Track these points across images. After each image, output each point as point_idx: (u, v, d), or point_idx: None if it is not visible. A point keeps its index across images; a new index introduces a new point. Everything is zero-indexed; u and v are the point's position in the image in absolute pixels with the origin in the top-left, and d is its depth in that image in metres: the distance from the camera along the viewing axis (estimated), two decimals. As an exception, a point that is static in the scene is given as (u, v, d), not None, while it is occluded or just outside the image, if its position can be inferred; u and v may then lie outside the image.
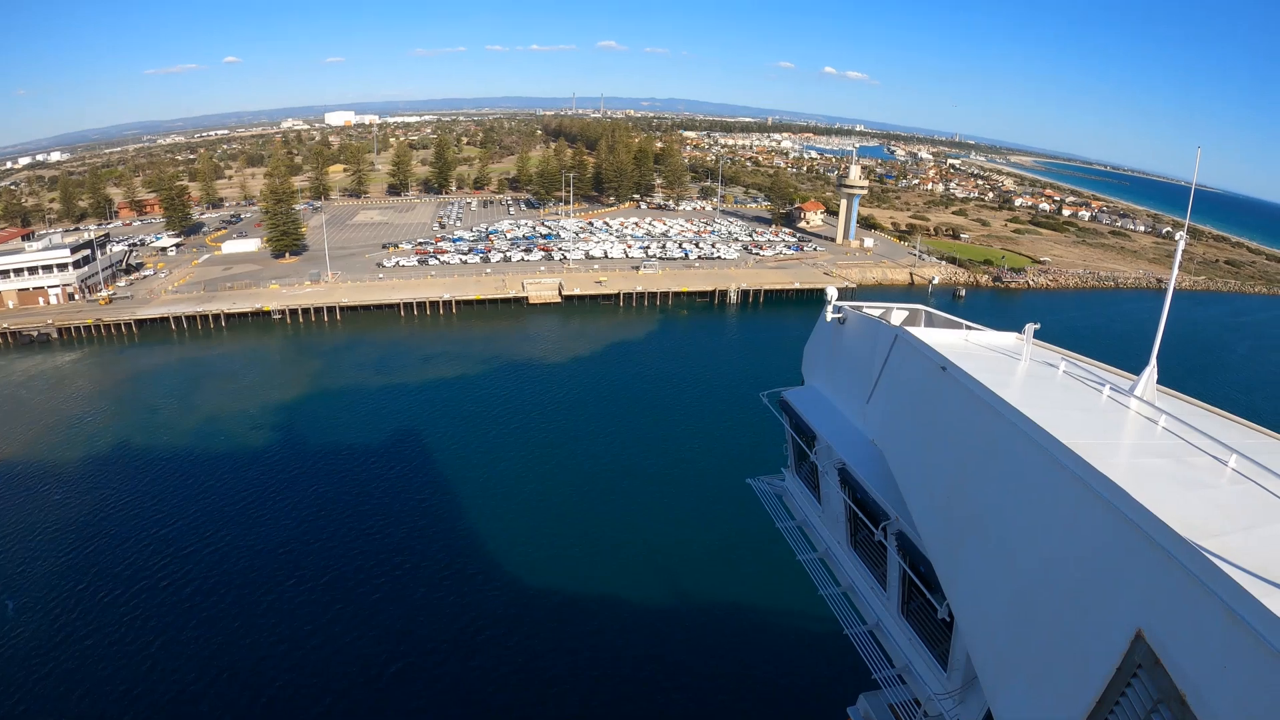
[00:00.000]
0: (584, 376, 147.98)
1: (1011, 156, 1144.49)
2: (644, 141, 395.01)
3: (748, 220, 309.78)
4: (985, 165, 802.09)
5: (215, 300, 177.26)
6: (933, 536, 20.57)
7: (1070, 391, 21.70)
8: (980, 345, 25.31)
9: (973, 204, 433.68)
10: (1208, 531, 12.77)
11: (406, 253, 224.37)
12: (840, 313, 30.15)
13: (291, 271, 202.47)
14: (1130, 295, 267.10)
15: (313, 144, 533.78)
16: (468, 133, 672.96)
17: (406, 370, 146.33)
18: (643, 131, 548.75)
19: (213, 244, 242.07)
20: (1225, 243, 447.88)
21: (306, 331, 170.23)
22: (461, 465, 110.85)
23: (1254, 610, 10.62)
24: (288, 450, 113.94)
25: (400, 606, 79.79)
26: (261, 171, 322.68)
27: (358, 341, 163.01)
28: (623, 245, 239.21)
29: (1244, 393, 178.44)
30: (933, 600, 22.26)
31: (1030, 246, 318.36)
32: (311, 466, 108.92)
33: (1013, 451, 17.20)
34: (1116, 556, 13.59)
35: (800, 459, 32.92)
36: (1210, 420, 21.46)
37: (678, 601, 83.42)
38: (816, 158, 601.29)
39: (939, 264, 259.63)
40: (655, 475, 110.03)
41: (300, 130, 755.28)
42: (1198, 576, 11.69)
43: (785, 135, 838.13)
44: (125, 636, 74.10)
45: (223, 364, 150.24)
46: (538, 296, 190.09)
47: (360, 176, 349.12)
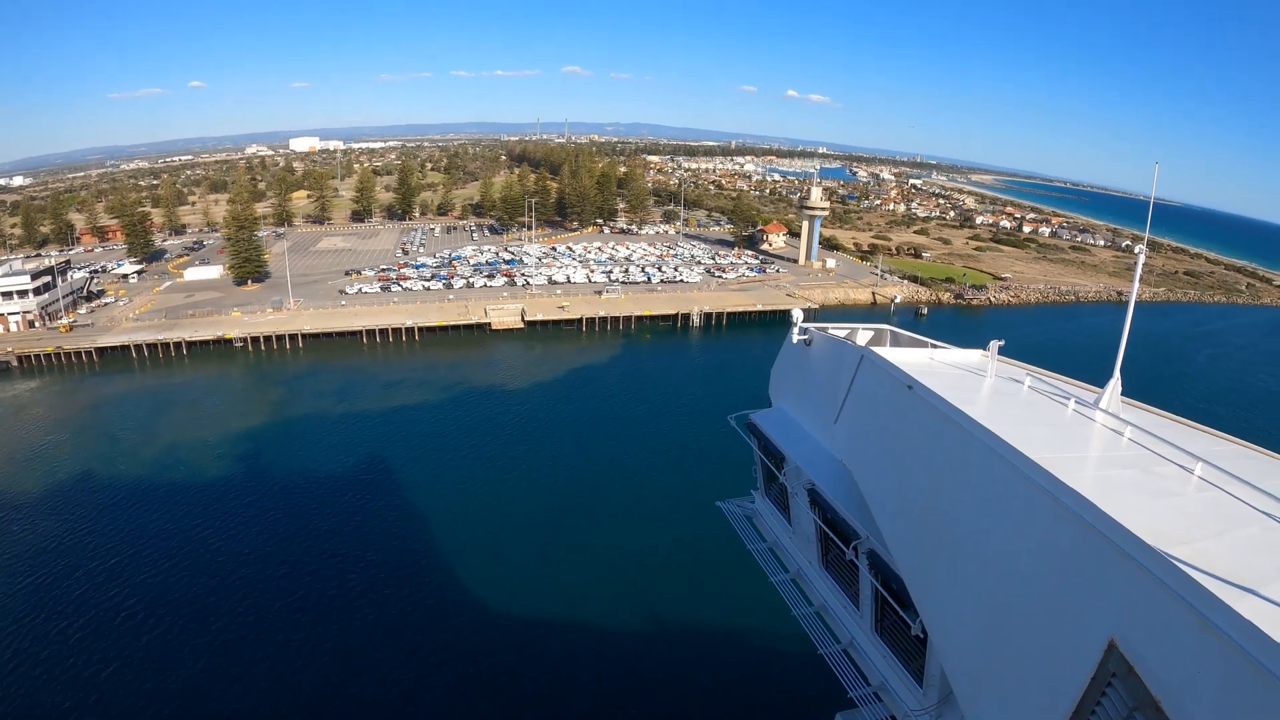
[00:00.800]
0: (548, 402, 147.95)
1: (973, 175, 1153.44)
2: (607, 166, 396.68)
3: (710, 243, 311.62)
4: (947, 185, 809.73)
5: (177, 328, 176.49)
6: (903, 554, 20.72)
7: (1036, 406, 22.19)
8: (945, 363, 25.77)
9: (934, 223, 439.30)
10: (1176, 539, 13.20)
11: (369, 279, 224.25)
12: (806, 335, 30.54)
13: (254, 299, 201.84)
14: (1091, 309, 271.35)
15: (277, 170, 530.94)
16: (432, 158, 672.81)
17: (368, 398, 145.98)
18: (607, 156, 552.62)
19: (175, 271, 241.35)
20: (1184, 254, 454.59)
21: (268, 359, 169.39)
22: (425, 492, 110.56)
23: (1224, 615, 10.96)
24: (248, 479, 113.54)
25: (361, 634, 79.69)
26: (225, 198, 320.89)
27: (320, 369, 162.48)
28: (586, 270, 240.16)
29: (1206, 400, 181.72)
30: (906, 617, 22.51)
31: (992, 263, 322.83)
32: (272, 495, 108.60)
33: (981, 467, 17.36)
34: (1087, 568, 13.82)
35: (770, 481, 33.05)
36: (1175, 429, 22.01)
37: (649, 625, 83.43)
38: (779, 180, 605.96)
39: (901, 283, 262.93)
40: (623, 499, 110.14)
41: (265, 156, 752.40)
42: (1168, 584, 12.00)
43: (748, 158, 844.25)
44: (76, 667, 73.88)
45: (184, 392, 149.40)
46: (500, 322, 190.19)
47: (324, 203, 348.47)
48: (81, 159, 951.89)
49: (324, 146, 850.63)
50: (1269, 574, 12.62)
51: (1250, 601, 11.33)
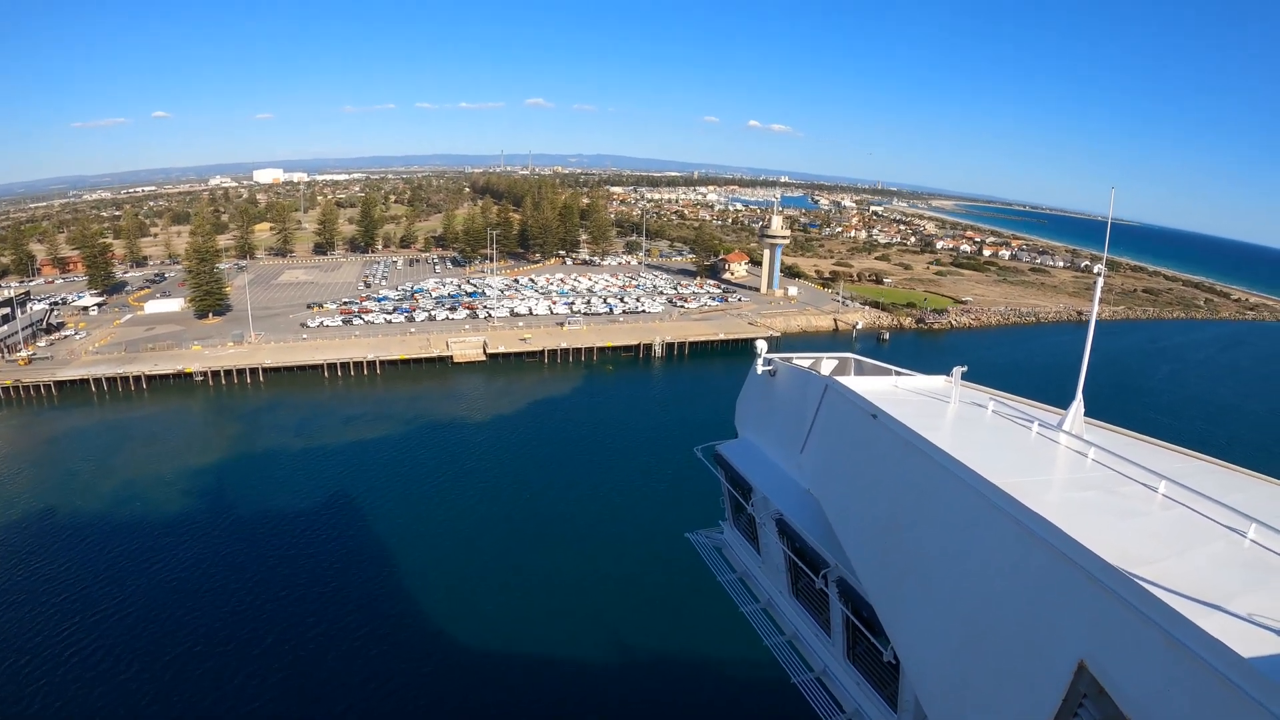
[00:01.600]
0: (510, 434, 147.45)
1: (933, 201, 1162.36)
2: (570, 198, 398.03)
3: (673, 273, 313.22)
4: (908, 211, 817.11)
5: (137, 361, 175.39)
6: (872, 581, 20.72)
7: (1000, 431, 22.38)
8: (909, 390, 25.95)
9: (895, 249, 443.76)
10: (1142, 559, 13.44)
11: (331, 312, 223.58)
12: (770, 365, 30.66)
13: (214, 332, 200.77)
14: (1052, 329, 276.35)
15: (240, 202, 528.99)
16: (396, 190, 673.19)
17: (329, 432, 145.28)
18: (570, 188, 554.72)
19: (135, 303, 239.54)
20: (1143, 272, 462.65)
21: (229, 393, 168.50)
22: (386, 526, 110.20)
23: (1191, 633, 11.14)
24: (206, 514, 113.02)
25: (318, 667, 79.66)
26: (187, 229, 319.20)
27: (280, 403, 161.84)
28: (548, 302, 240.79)
29: (1168, 415, 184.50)
30: (877, 644, 22.36)
31: (952, 287, 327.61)
32: (229, 530, 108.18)
33: (947, 494, 17.49)
34: (1055, 591, 13.92)
35: (737, 511, 33.02)
36: (1138, 448, 22.33)
37: (618, 658, 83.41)
38: (742, 209, 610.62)
39: (862, 309, 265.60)
40: (590, 531, 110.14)
41: (228, 188, 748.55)
42: (1134, 605, 12.14)
43: (711, 188, 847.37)
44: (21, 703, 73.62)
45: (143, 427, 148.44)
46: (462, 355, 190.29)
47: (286, 235, 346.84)
48: (44, 188, 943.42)
49: (288, 178, 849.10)
50: (1234, 589, 13.05)
51: (1216, 618, 11.71)
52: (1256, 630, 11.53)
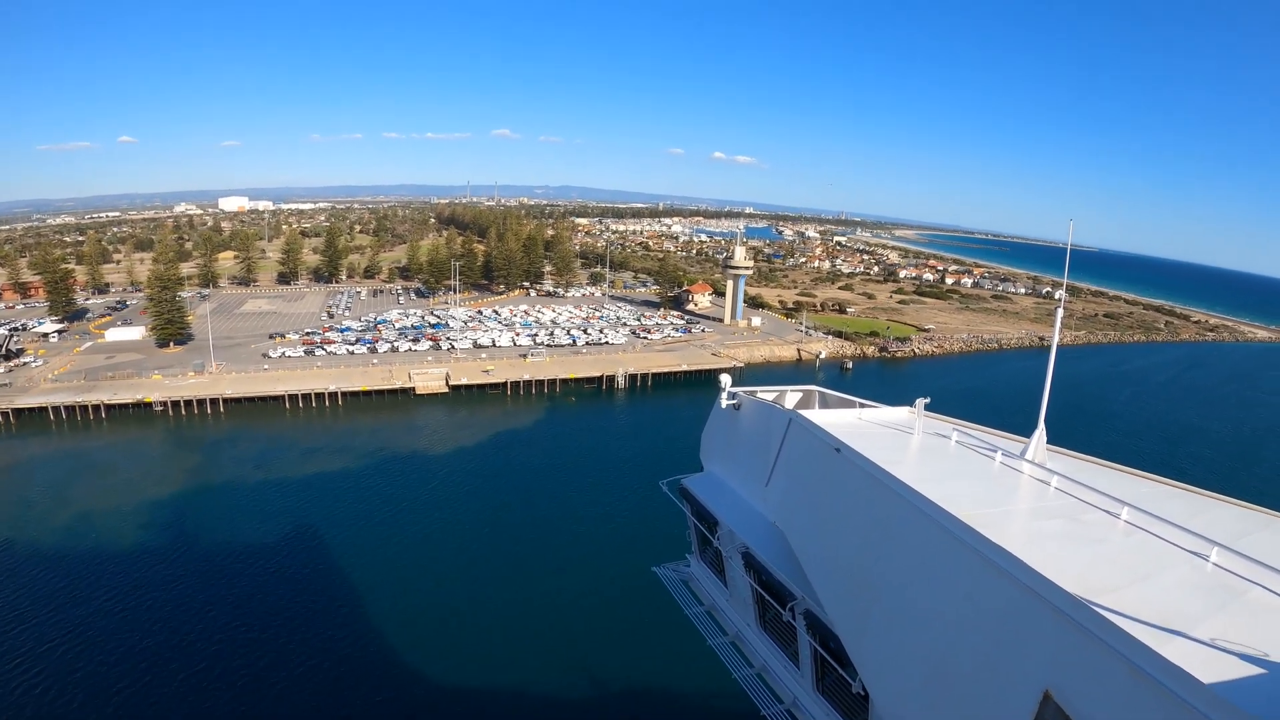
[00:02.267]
0: (473, 467, 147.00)
1: (896, 231, 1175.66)
2: (534, 229, 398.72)
3: (637, 304, 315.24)
4: (871, 241, 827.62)
5: (96, 390, 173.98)
6: (839, 613, 20.75)
7: (963, 461, 22.75)
8: (873, 422, 26.28)
9: (859, 278, 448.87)
10: (1105, 588, 13.72)
11: (293, 343, 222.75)
12: (735, 399, 30.62)
13: (175, 361, 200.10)
14: (1014, 355, 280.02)
15: (204, 230, 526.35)
16: (362, 220, 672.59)
17: (288, 464, 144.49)
18: (535, 219, 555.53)
19: (96, 331, 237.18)
20: (1104, 297, 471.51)
21: (189, 424, 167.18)
22: (346, 560, 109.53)
23: (1153, 660, 11.34)
24: (162, 546, 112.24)
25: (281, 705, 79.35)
26: (150, 256, 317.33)
27: (240, 434, 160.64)
28: (511, 333, 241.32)
29: (1130, 438, 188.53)
30: (846, 675, 22.24)
31: (915, 315, 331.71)
32: (186, 563, 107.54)
33: (911, 527, 17.57)
34: (1018, 622, 14.05)
35: (704, 545, 32.93)
36: (1100, 474, 22.75)
37: (587, 692, 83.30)
38: (706, 240, 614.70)
39: (825, 338, 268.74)
40: (556, 565, 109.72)
41: (193, 215, 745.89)
42: (1096, 634, 12.30)
43: (676, 220, 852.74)
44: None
45: (102, 456, 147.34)
46: (424, 387, 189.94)
47: (250, 264, 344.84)
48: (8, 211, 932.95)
49: (253, 206, 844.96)
50: (1197, 614, 13.43)
51: (1178, 644, 12.03)
52: (1219, 655, 12.00)
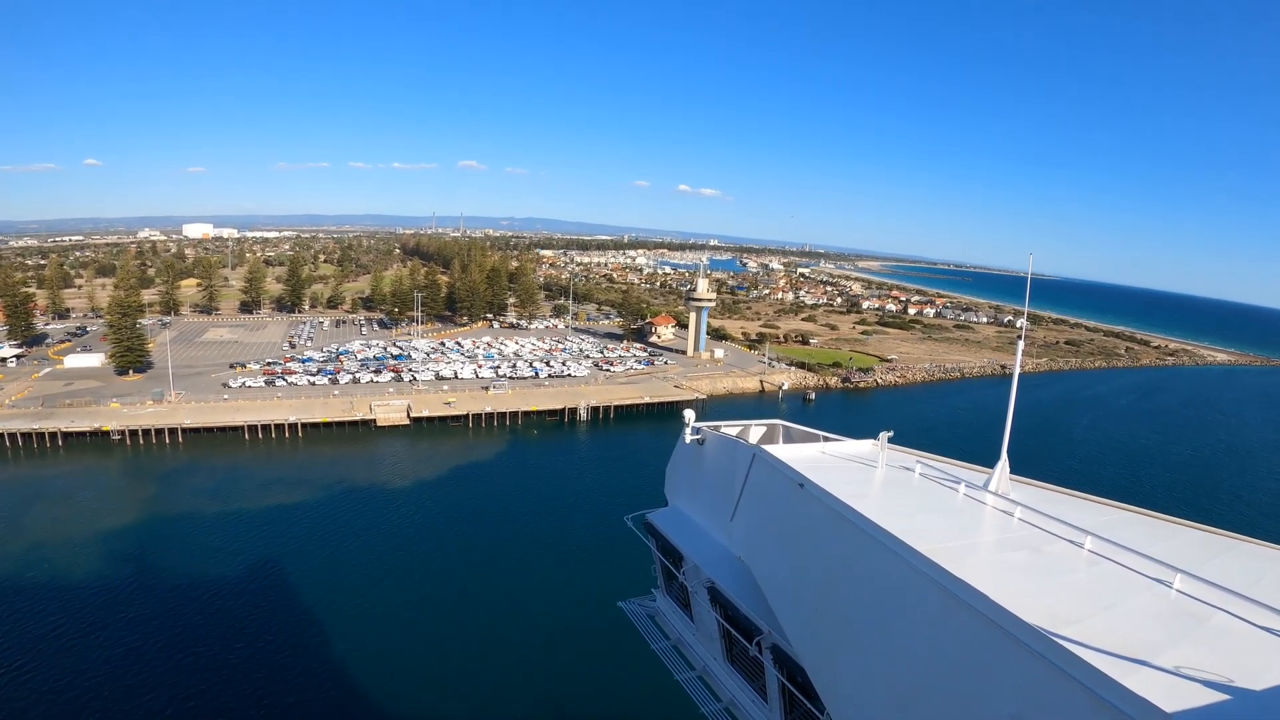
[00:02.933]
0: (435, 500, 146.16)
1: (859, 262, 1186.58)
2: (498, 261, 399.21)
3: (600, 337, 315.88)
4: (834, 272, 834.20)
5: (53, 417, 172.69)
6: (806, 647, 20.51)
7: (927, 494, 22.68)
8: (837, 456, 26.15)
9: (822, 310, 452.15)
10: (1068, 618, 13.69)
11: (254, 373, 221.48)
12: (699, 434, 30.32)
13: (134, 389, 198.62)
14: (976, 383, 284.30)
15: (167, 256, 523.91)
16: (326, 250, 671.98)
17: (246, 496, 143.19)
18: (500, 250, 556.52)
19: (55, 357, 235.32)
20: (1065, 324, 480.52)
21: (146, 453, 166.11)
22: (302, 595, 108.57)
23: (1116, 691, 11.25)
24: (116, 578, 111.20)
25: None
26: (112, 282, 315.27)
27: (198, 465, 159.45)
28: (473, 365, 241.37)
29: (1091, 463, 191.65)
30: (814, 709, 21.98)
31: (878, 346, 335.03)
32: (139, 595, 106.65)
33: (875, 562, 17.39)
34: (983, 655, 13.94)
35: (669, 580, 32.65)
36: (1063, 503, 22.96)
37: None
38: (670, 273, 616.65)
39: (788, 370, 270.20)
40: (520, 600, 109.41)
41: (156, 241, 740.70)
42: (1060, 666, 12.15)
43: (640, 252, 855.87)
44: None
45: (57, 485, 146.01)
46: (386, 419, 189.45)
47: (212, 292, 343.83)
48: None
49: (218, 233, 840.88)
50: (1161, 642, 13.48)
51: (1142, 673, 12.06)
52: (1182, 683, 12.01)
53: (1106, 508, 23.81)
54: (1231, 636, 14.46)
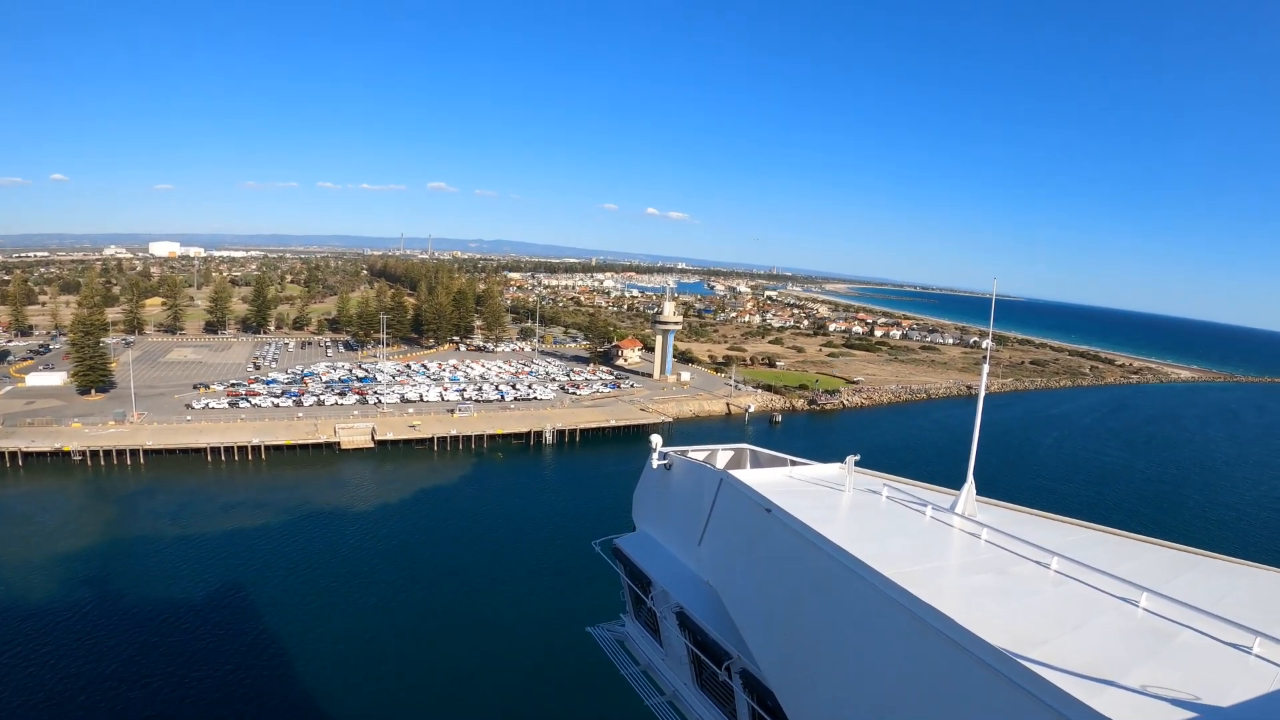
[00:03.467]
0: (399, 524, 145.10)
1: (827, 285, 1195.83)
2: (465, 283, 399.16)
3: (566, 360, 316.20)
4: (802, 295, 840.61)
5: (13, 437, 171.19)
6: (775, 673, 20.49)
7: (894, 518, 22.68)
8: (804, 480, 26.26)
9: (789, 332, 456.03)
10: (1035, 640, 13.78)
11: (218, 394, 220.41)
12: (666, 459, 30.28)
13: (96, 409, 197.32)
14: (942, 404, 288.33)
15: (133, 274, 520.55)
16: (293, 270, 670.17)
17: (207, 519, 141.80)
18: (467, 273, 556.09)
19: (16, 375, 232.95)
20: (1030, 345, 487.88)
21: (108, 474, 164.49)
22: (263, 620, 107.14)
23: (1080, 711, 11.39)
24: (73, 601, 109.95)
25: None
26: (76, 299, 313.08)
27: (160, 487, 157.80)
28: (439, 388, 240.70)
29: (1057, 481, 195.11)
30: None
31: (844, 368, 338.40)
32: (97, 618, 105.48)
33: (842, 587, 17.43)
34: (951, 679, 13.96)
35: (638, 604, 32.47)
36: (1029, 524, 22.95)
37: None
38: (638, 296, 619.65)
39: (755, 392, 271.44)
40: (488, 626, 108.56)
41: (122, 258, 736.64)
42: (1026, 689, 12.27)
43: (608, 275, 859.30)
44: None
45: (16, 506, 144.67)
46: (350, 441, 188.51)
47: (177, 312, 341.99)
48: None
49: (184, 252, 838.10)
50: (1128, 662, 13.63)
51: (1109, 694, 12.16)
52: (1149, 702, 12.20)
53: (1073, 527, 24.21)
54: (1198, 654, 14.75)
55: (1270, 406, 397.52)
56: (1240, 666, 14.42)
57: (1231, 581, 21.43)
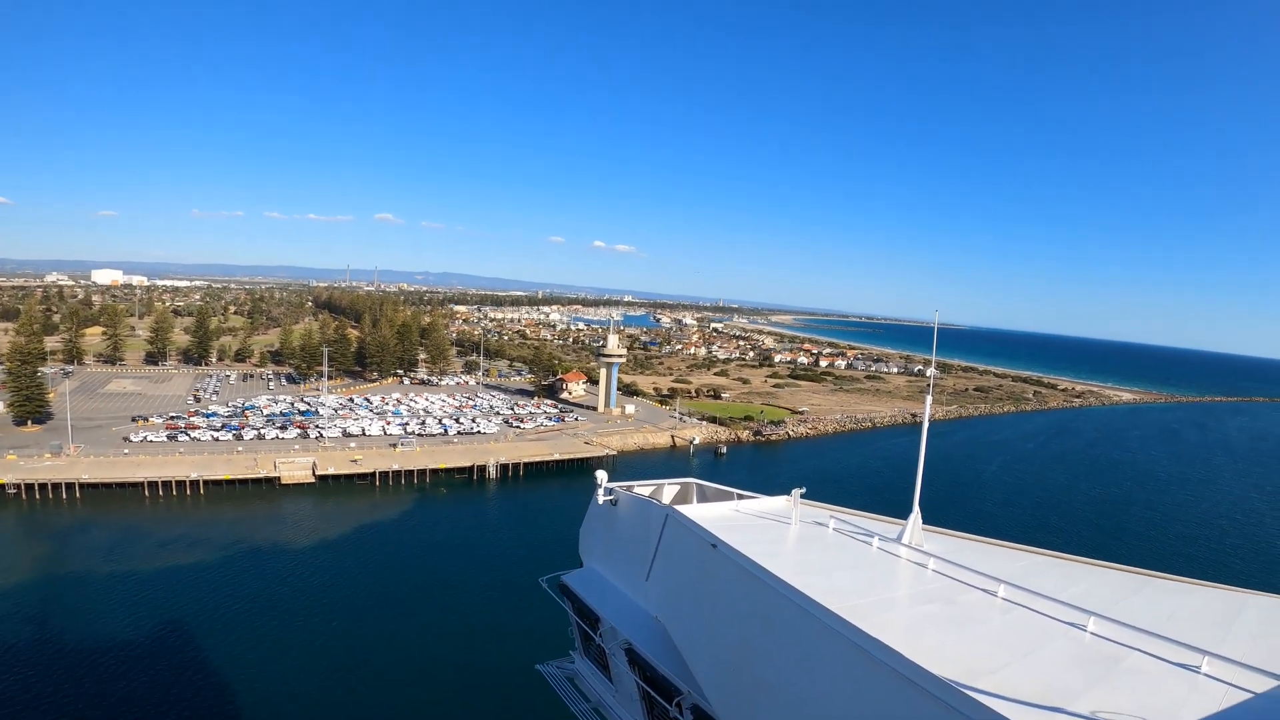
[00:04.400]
0: (340, 561, 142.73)
1: (774, 316, 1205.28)
2: (410, 316, 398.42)
3: (511, 393, 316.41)
4: (748, 326, 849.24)
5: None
6: (725, 708, 20.41)
7: (841, 550, 22.82)
8: (751, 513, 26.50)
9: (735, 364, 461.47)
10: (984, 670, 13.89)
11: (156, 427, 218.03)
12: (612, 495, 30.42)
13: (32, 441, 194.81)
14: (887, 432, 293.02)
15: (73, 303, 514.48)
16: (238, 301, 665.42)
17: (140, 556, 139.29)
18: (414, 305, 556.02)
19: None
20: (974, 371, 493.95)
21: (42, 509, 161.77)
22: (194, 664, 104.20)
23: None
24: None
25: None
26: (13, 327, 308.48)
27: (94, 523, 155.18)
28: (382, 422, 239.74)
29: (1001, 506, 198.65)
30: None
31: (790, 398, 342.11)
32: (21, 658, 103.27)
33: (789, 622, 17.41)
34: (899, 712, 13.91)
35: (587, 641, 32.22)
36: (976, 552, 23.27)
37: None
38: (584, 329, 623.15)
39: (700, 424, 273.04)
40: (434, 666, 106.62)
41: (64, 286, 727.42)
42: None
43: (555, 308, 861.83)
44: None
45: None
46: (290, 476, 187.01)
47: (117, 342, 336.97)
48: None
49: (127, 281, 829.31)
50: (1077, 687, 13.74)
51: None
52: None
53: (1019, 553, 24.58)
54: (1147, 676, 15.02)
55: (1210, 425, 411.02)
56: (1189, 686, 14.74)
57: (1178, 601, 22.09)
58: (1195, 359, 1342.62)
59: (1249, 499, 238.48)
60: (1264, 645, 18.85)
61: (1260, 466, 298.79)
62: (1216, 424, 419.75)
